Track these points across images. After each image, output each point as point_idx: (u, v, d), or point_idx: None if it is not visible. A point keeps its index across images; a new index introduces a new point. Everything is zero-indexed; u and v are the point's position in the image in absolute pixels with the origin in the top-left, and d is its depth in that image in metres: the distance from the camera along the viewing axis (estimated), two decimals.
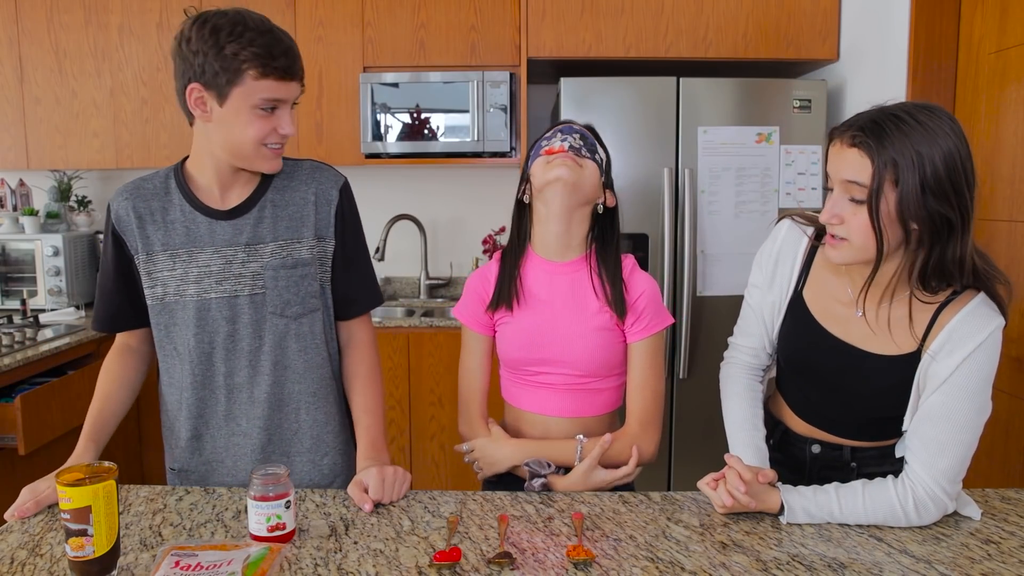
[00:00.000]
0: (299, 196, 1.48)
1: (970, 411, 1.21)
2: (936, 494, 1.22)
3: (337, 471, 1.56)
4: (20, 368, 2.57)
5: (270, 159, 1.41)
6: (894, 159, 1.14)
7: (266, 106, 1.35)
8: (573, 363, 1.50)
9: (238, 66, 1.31)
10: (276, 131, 1.38)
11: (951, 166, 1.14)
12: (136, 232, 1.45)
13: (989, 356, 1.21)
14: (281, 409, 1.49)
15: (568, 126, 1.53)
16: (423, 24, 3.29)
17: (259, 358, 1.47)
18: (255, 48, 1.30)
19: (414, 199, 3.72)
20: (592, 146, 1.51)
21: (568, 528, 1.24)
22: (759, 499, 1.26)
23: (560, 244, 1.52)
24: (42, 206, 3.57)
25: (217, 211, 1.45)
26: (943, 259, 1.19)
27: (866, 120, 1.18)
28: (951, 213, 1.15)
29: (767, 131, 2.87)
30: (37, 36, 3.38)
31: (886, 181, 1.15)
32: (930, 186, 1.14)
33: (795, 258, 1.41)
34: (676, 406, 2.97)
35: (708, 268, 2.92)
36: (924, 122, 1.15)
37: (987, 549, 1.17)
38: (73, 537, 1.05)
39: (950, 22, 2.46)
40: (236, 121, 1.35)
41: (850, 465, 1.39)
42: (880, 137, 1.15)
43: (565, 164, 1.44)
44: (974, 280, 1.23)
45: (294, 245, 1.46)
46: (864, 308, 1.31)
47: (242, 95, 1.33)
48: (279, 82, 1.34)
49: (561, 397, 1.52)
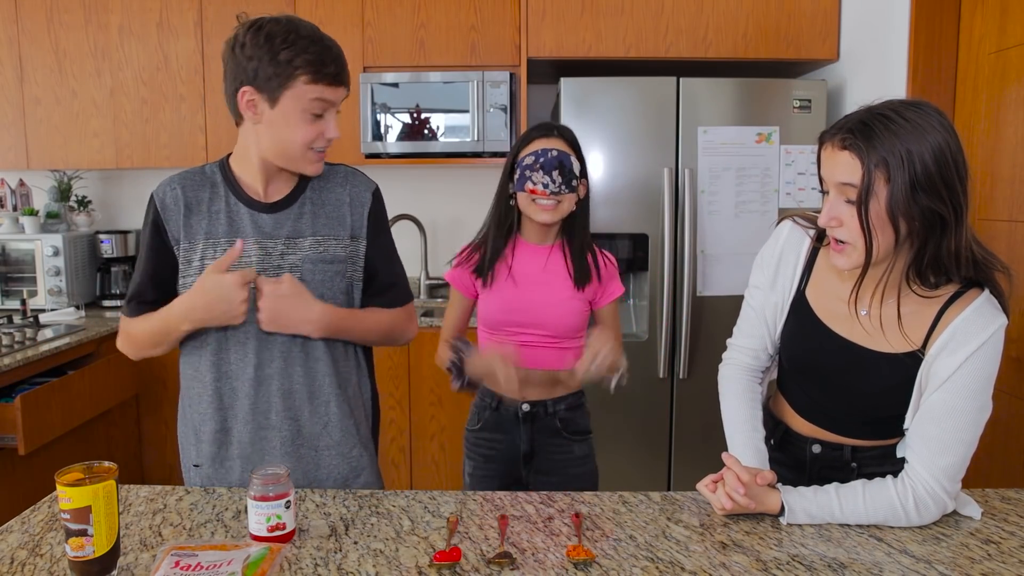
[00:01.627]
0: (335, 197, 1.55)
1: (972, 410, 1.22)
2: (936, 492, 1.22)
3: (364, 464, 1.59)
4: (20, 368, 2.57)
5: (314, 162, 1.49)
6: (884, 158, 1.14)
7: (316, 110, 1.43)
8: (546, 326, 1.80)
9: (291, 71, 1.39)
10: (323, 135, 1.46)
11: (941, 161, 1.14)
12: (181, 220, 1.50)
13: (991, 355, 1.22)
14: (311, 401, 1.51)
15: (546, 159, 1.73)
16: (423, 24, 3.29)
17: (292, 349, 1.49)
18: (308, 55, 1.39)
19: (414, 199, 3.72)
20: (570, 175, 1.74)
21: (568, 528, 1.24)
22: (758, 500, 1.26)
23: (540, 237, 1.85)
24: (42, 206, 3.56)
25: (260, 204, 1.51)
26: (939, 253, 1.19)
27: (855, 122, 1.18)
28: (943, 208, 1.16)
29: (767, 131, 2.87)
30: (37, 36, 3.38)
31: (876, 180, 1.15)
32: (921, 183, 1.14)
33: (797, 258, 1.41)
34: (676, 406, 2.97)
35: (708, 268, 2.91)
36: (912, 119, 1.15)
37: (987, 549, 1.18)
38: (73, 537, 1.05)
39: (950, 22, 2.46)
40: (286, 124, 1.43)
41: (850, 465, 1.39)
42: (869, 138, 1.15)
43: (547, 211, 1.75)
44: (974, 270, 1.23)
45: (331, 241, 1.52)
46: (868, 306, 1.31)
47: (293, 99, 1.41)
48: (329, 87, 1.42)
49: (542, 352, 1.82)
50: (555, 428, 1.85)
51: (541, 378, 1.82)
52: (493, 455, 1.87)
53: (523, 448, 1.85)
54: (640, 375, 2.92)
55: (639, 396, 2.94)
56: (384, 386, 3.21)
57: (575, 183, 1.75)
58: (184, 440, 1.57)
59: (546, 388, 1.83)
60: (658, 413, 2.97)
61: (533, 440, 1.85)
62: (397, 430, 3.21)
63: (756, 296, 1.47)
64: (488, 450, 1.88)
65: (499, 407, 1.86)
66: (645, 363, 2.93)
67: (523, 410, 1.83)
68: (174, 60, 3.38)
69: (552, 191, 1.72)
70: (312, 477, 1.53)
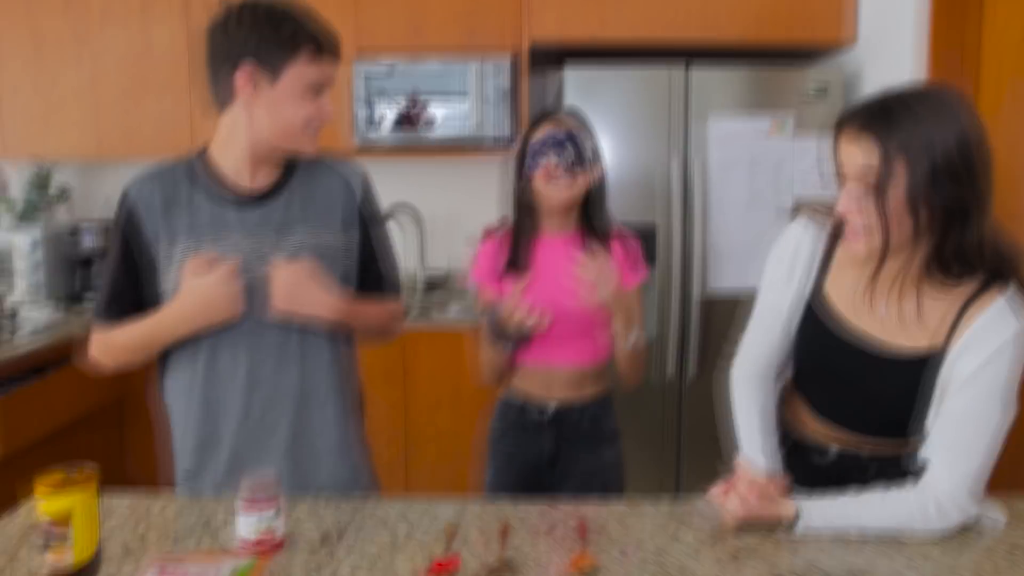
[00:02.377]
0: (324, 186, 1.53)
1: (994, 412, 1.19)
2: (959, 499, 1.20)
3: (360, 469, 1.58)
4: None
5: (313, 139, 1.48)
6: (905, 144, 1.13)
7: (317, 86, 1.43)
8: (577, 319, 1.73)
9: (295, 45, 1.39)
10: (320, 113, 1.45)
11: (964, 148, 1.13)
12: (159, 218, 1.46)
13: (1015, 355, 1.19)
14: (308, 403, 1.49)
15: (557, 136, 1.70)
16: (419, 5, 3.17)
17: (287, 349, 1.47)
18: (311, 30, 1.41)
19: (410, 190, 3.61)
20: (582, 153, 1.72)
21: (572, 536, 1.21)
22: (772, 507, 1.23)
23: (558, 225, 1.79)
24: (20, 197, 3.44)
25: (244, 197, 1.48)
26: (961, 244, 1.17)
27: (874, 106, 1.18)
28: (966, 197, 1.14)
29: (781, 120, 2.77)
30: (14, 20, 3.26)
31: (897, 167, 1.14)
32: (942, 170, 1.13)
33: (814, 254, 1.38)
34: (684, 405, 2.91)
35: (719, 264, 2.83)
36: (934, 105, 1.15)
37: (1013, 557, 1.14)
38: (52, 544, 1.04)
39: (974, 6, 2.39)
40: (288, 100, 1.42)
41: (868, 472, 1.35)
42: (888, 122, 1.15)
43: (564, 188, 1.71)
44: (999, 263, 1.21)
45: (323, 231, 1.51)
46: (887, 300, 1.27)
47: (295, 74, 1.40)
48: (330, 64, 1.45)
49: (569, 347, 1.77)
50: (584, 431, 1.79)
51: (569, 377, 1.78)
52: (516, 454, 1.82)
53: (547, 454, 1.80)
54: (648, 373, 2.85)
55: (647, 396, 2.87)
56: (379, 389, 3.12)
57: (588, 162, 1.72)
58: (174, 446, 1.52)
59: (574, 386, 1.79)
60: (667, 413, 2.90)
61: (559, 446, 1.79)
62: (393, 434, 3.12)
63: (771, 294, 1.44)
64: (513, 449, 1.84)
65: (525, 408, 1.80)
66: (654, 361, 2.85)
67: (550, 412, 1.78)
68: (158, 46, 3.27)
69: (566, 167, 1.69)
70: (311, 481, 1.48)
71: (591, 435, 1.80)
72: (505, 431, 1.84)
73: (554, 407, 1.78)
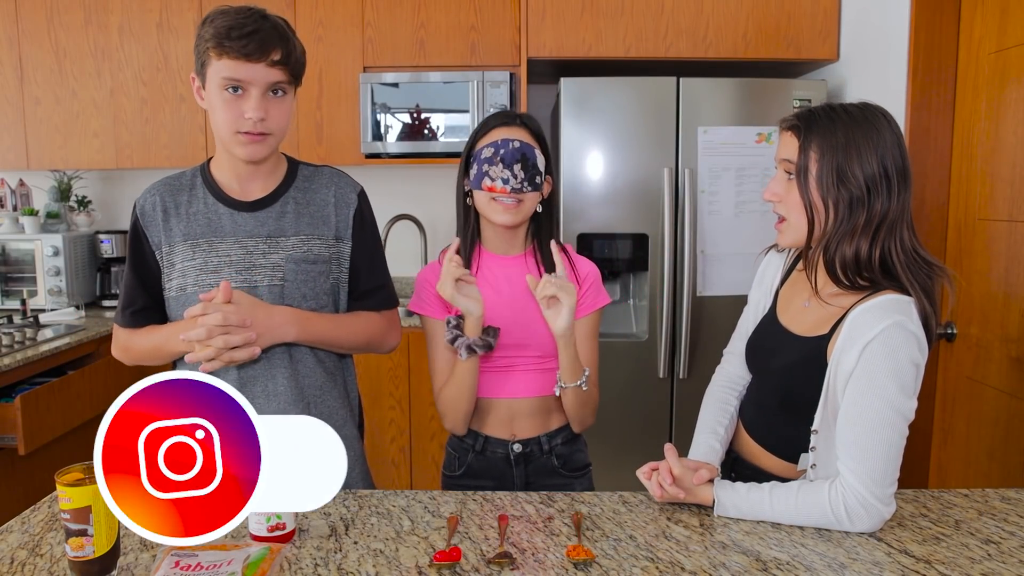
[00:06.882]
0: (320, 197, 1.54)
1: (879, 407, 1.18)
2: (867, 500, 1.19)
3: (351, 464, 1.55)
4: (20, 368, 2.58)
5: (244, 144, 1.42)
6: (818, 138, 1.25)
7: (227, 86, 1.38)
8: (535, 345, 1.58)
9: (205, 47, 1.38)
10: (243, 115, 1.39)
11: (873, 153, 1.22)
12: (160, 225, 1.49)
13: (890, 349, 1.18)
14: (296, 404, 1.49)
15: (505, 153, 1.51)
16: (423, 24, 3.30)
17: (275, 350, 1.47)
18: (215, 28, 1.36)
19: (414, 199, 3.72)
20: (533, 170, 1.52)
21: (568, 528, 1.24)
22: (691, 492, 1.30)
23: (505, 244, 1.63)
24: (42, 206, 3.56)
25: (240, 203, 1.50)
26: (870, 253, 1.24)
27: (804, 111, 1.30)
28: (875, 200, 1.23)
29: (767, 131, 2.86)
30: (37, 36, 3.38)
31: (810, 158, 1.25)
32: (850, 168, 1.22)
33: (780, 263, 1.50)
34: (676, 407, 2.97)
35: (708, 268, 2.91)
36: (853, 112, 1.26)
37: (987, 549, 1.17)
38: (73, 537, 1.05)
39: (950, 22, 2.46)
40: (212, 106, 1.41)
41: None
42: (810, 122, 1.26)
43: (508, 211, 1.52)
44: (912, 277, 1.24)
45: (314, 241, 1.50)
46: (809, 300, 1.36)
47: (212, 77, 1.39)
48: (236, 62, 1.36)
49: (528, 378, 1.60)
50: (552, 467, 1.63)
51: (531, 408, 1.61)
52: None
53: None
54: (640, 375, 2.93)
55: (639, 396, 2.94)
56: (384, 386, 3.21)
57: (539, 180, 1.53)
58: None
59: (538, 420, 1.62)
60: (658, 413, 2.96)
61: (528, 484, 1.62)
62: (397, 430, 3.21)
63: (750, 303, 1.54)
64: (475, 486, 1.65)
65: (485, 449, 1.63)
66: (645, 363, 2.92)
67: (515, 451, 1.61)
68: (174, 60, 3.38)
69: (513, 188, 1.50)
70: None
71: (563, 468, 1.65)
72: (464, 476, 1.66)
73: (519, 447, 1.61)
